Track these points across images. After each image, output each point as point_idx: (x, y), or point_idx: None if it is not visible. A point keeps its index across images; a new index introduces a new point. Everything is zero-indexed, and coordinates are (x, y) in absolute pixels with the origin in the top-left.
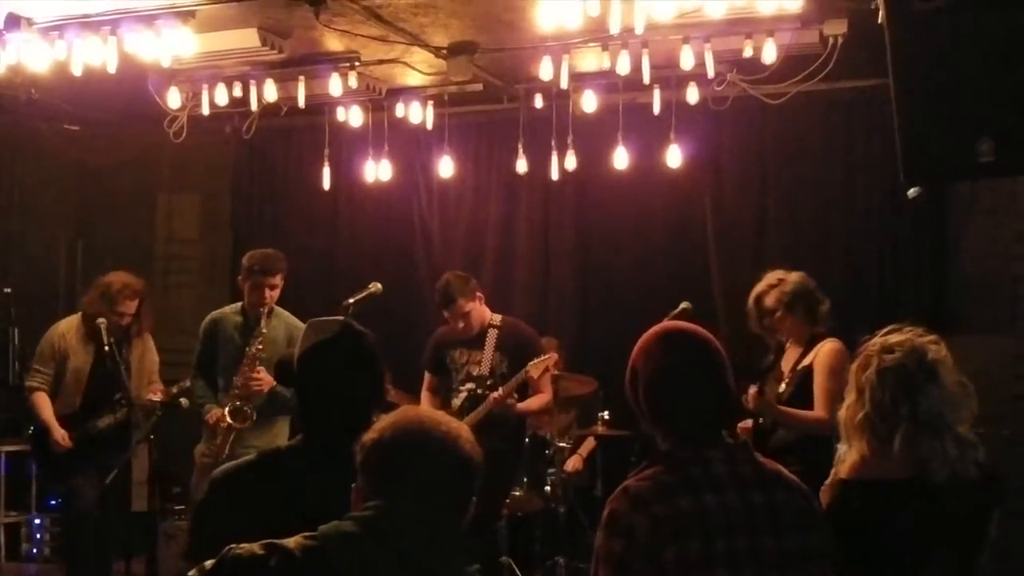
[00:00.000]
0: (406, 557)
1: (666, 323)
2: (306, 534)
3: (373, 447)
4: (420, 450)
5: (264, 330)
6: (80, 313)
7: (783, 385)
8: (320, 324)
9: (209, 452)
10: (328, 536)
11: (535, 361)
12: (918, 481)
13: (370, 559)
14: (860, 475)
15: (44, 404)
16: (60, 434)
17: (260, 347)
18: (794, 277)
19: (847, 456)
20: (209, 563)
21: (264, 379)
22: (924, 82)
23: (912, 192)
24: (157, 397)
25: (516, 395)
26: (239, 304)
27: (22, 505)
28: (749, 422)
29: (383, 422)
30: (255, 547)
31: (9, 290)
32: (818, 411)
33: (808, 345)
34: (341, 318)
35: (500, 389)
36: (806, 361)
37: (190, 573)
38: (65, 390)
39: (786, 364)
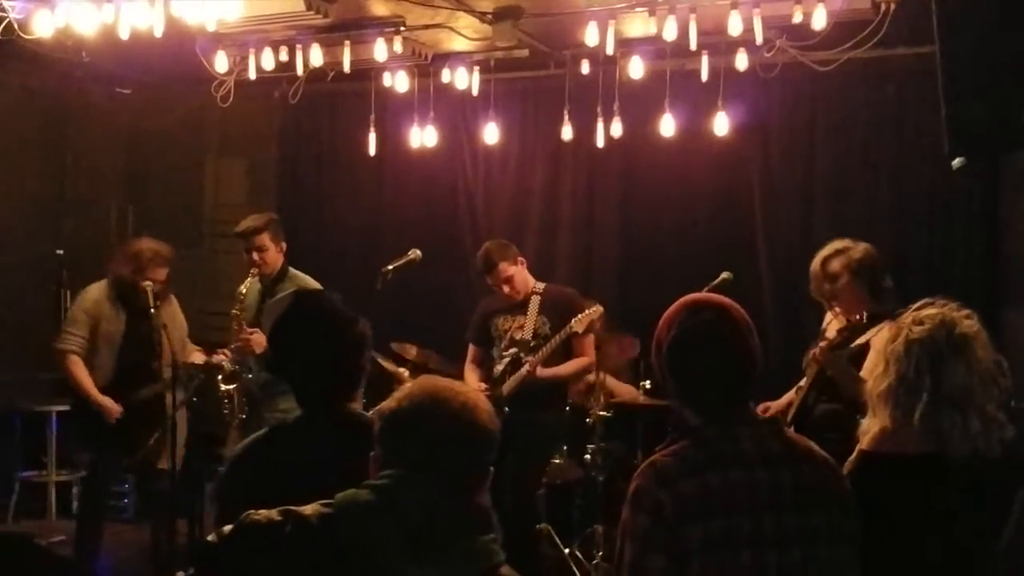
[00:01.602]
0: (415, 527)
1: (691, 294)
2: (324, 501)
3: (390, 416)
4: (436, 420)
5: (243, 291)
6: (109, 279)
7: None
8: (274, 304)
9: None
10: (343, 504)
11: (579, 316)
12: (936, 456)
13: (380, 528)
14: (880, 447)
15: (82, 373)
16: (108, 403)
17: (238, 310)
18: (862, 246)
19: (869, 427)
20: (227, 528)
21: (255, 339)
22: (971, 51)
23: (957, 163)
24: (200, 361)
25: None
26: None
27: (73, 464)
28: (772, 404)
29: (401, 392)
30: (272, 513)
31: (61, 252)
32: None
33: (868, 324)
34: (292, 289)
35: (531, 358)
36: (862, 339)
37: (209, 537)
38: (100, 357)
39: (831, 332)
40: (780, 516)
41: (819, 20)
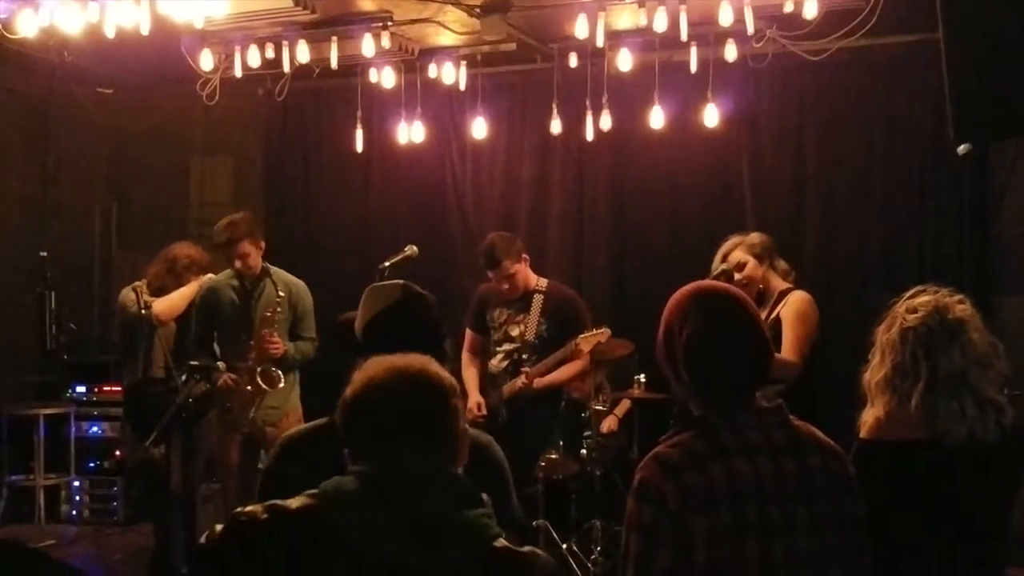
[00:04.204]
0: (410, 508)
1: (702, 283)
2: (308, 492)
3: (352, 402)
4: (396, 390)
5: (281, 294)
6: (145, 282)
7: None
8: (381, 289)
9: (230, 415)
10: (328, 494)
11: (586, 335)
12: (932, 441)
13: (374, 515)
14: (876, 435)
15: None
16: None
17: (279, 310)
18: (755, 234)
19: (866, 417)
20: (218, 527)
21: (280, 343)
22: (975, 37)
23: (962, 149)
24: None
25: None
26: (231, 271)
27: (61, 467)
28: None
29: (357, 378)
30: (258, 509)
31: (45, 254)
32: (789, 355)
33: (777, 299)
34: (401, 282)
35: (530, 370)
36: (773, 313)
37: (201, 539)
38: (134, 357)
39: None
40: (786, 505)
41: (810, 9)
